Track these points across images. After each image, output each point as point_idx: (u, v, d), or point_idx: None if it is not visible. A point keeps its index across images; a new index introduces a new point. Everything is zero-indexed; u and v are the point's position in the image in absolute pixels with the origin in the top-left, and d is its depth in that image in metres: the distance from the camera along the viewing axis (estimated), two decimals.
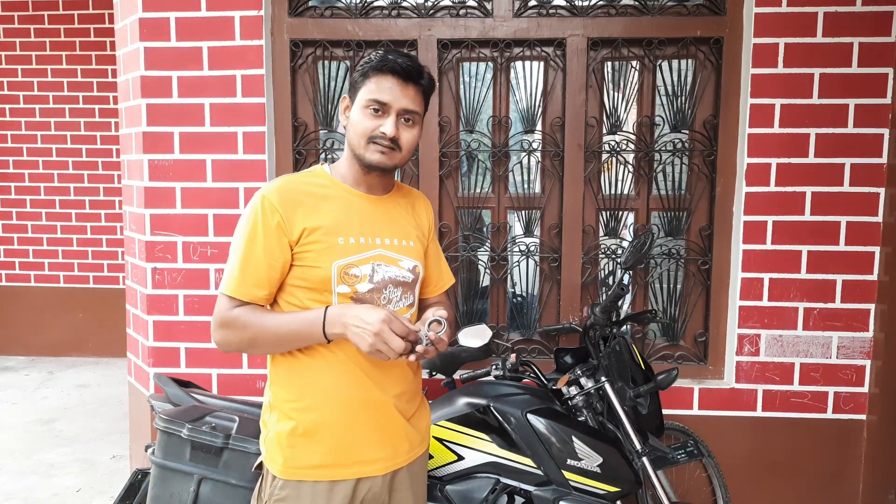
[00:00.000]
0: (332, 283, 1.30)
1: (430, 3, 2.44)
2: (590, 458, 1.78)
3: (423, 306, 1.54)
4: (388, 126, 1.30)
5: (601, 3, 2.41)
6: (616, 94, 2.50)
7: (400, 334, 1.20)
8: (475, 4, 2.44)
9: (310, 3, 2.47)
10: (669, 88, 2.47)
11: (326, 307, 1.27)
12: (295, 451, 1.32)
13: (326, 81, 2.53)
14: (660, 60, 2.46)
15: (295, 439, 1.32)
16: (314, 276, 1.30)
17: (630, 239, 2.54)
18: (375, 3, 2.45)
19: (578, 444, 1.78)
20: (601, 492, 1.78)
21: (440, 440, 1.83)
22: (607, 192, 2.53)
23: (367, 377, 1.34)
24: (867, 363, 2.37)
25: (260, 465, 1.42)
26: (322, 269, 1.30)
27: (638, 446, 1.83)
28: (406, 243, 1.41)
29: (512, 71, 2.52)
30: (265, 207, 1.29)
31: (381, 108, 1.31)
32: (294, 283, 1.32)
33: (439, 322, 1.25)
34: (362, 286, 1.33)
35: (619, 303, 2.10)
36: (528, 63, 2.50)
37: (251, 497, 1.65)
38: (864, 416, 2.39)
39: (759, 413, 2.41)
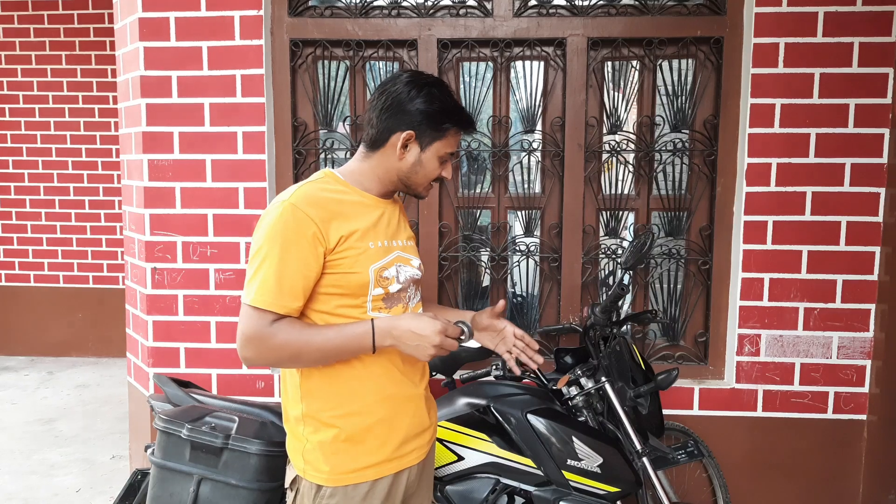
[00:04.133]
0: (370, 286, 1.33)
1: (429, 3, 2.44)
2: (590, 459, 1.78)
3: None
4: (450, 171, 1.44)
5: (601, 2, 2.41)
6: (616, 93, 2.50)
7: (453, 336, 1.28)
8: (475, 4, 2.44)
9: (310, 3, 2.46)
10: (670, 88, 2.47)
11: (373, 320, 1.29)
12: (339, 457, 1.34)
13: (326, 81, 2.53)
14: (660, 60, 2.45)
15: (338, 445, 1.34)
16: (352, 281, 1.31)
17: (630, 239, 2.54)
18: (375, 3, 2.45)
19: (578, 445, 1.78)
20: (601, 492, 1.78)
21: (440, 440, 1.83)
22: (607, 192, 2.53)
23: (402, 374, 1.39)
24: (867, 363, 2.37)
25: (293, 481, 1.42)
26: (360, 275, 1.31)
27: (638, 446, 1.83)
28: (411, 243, 1.48)
29: (512, 71, 2.51)
30: (298, 217, 1.26)
31: (449, 158, 1.42)
32: (327, 291, 1.32)
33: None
34: (393, 287, 1.37)
35: (620, 303, 2.10)
36: (528, 63, 2.50)
37: (253, 497, 1.66)
38: (864, 417, 2.39)
39: (759, 413, 2.41)
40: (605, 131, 2.49)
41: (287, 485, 1.46)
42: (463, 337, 1.32)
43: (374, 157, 1.40)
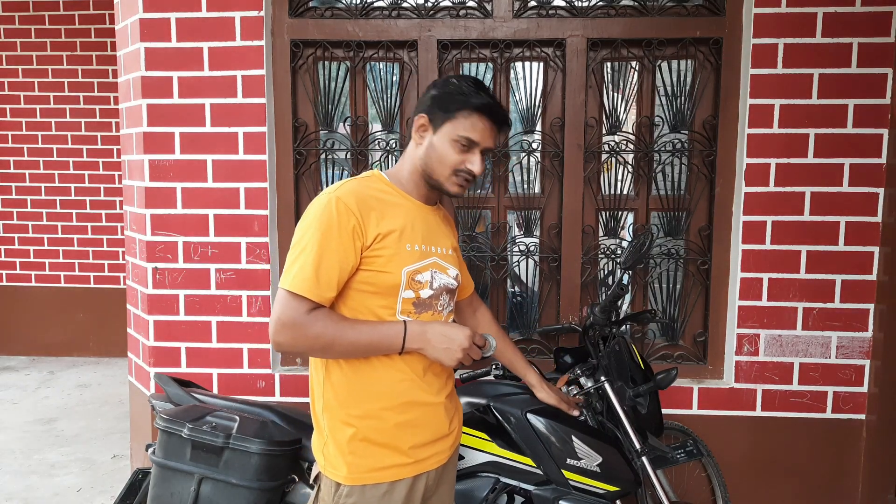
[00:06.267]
0: (401, 288, 1.34)
1: (430, 4, 2.44)
2: (589, 458, 1.78)
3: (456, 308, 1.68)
4: (476, 165, 1.38)
5: (601, 3, 2.42)
6: (616, 94, 2.50)
7: (479, 345, 1.34)
8: (475, 5, 2.44)
9: (310, 4, 2.47)
10: (669, 89, 2.48)
11: (405, 322, 1.32)
12: (356, 456, 1.35)
13: (327, 82, 2.53)
14: (659, 61, 2.46)
15: (355, 445, 1.35)
16: (384, 281, 1.33)
17: (629, 239, 2.55)
18: (376, 4, 2.45)
19: (578, 444, 1.78)
20: (601, 491, 1.79)
21: None
22: (607, 193, 2.54)
23: (423, 382, 1.39)
24: (866, 363, 2.38)
25: (316, 477, 1.43)
26: (392, 275, 1.33)
27: (637, 446, 1.83)
28: (450, 252, 1.48)
29: (512, 71, 2.52)
30: (341, 209, 1.29)
31: (469, 146, 1.36)
32: (360, 288, 1.34)
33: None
34: (424, 292, 1.37)
35: (619, 303, 2.10)
36: (527, 63, 2.51)
37: (254, 496, 1.67)
38: (863, 416, 2.40)
39: (758, 413, 2.42)
40: (604, 132, 2.50)
41: (311, 479, 1.47)
42: (485, 348, 1.37)
43: (407, 151, 1.45)
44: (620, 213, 2.54)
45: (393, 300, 1.35)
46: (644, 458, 1.83)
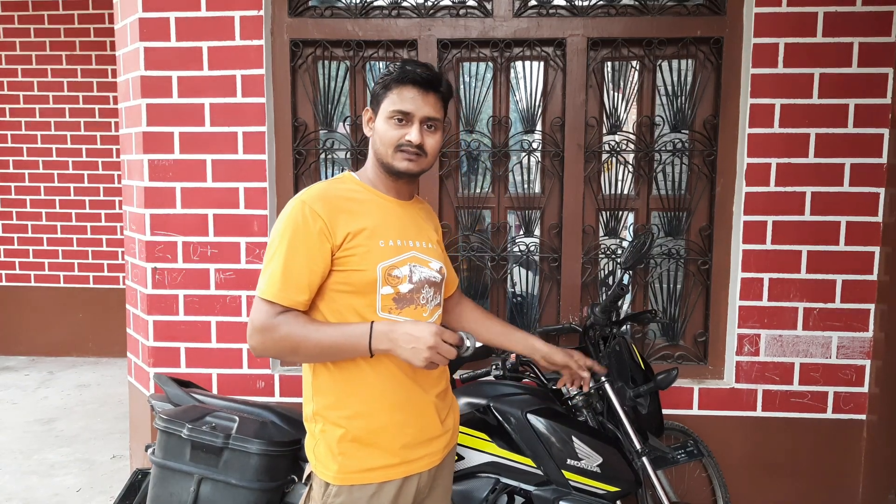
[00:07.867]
0: (378, 284, 1.33)
1: (430, 3, 2.44)
2: (590, 458, 1.78)
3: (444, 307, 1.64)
4: (413, 134, 1.36)
5: (601, 3, 2.41)
6: (616, 94, 2.50)
7: (451, 342, 1.25)
8: (475, 4, 2.44)
9: (310, 3, 2.47)
10: (669, 88, 2.48)
11: (372, 322, 1.29)
12: (346, 457, 1.34)
13: (326, 81, 2.53)
14: (660, 60, 2.46)
15: (345, 445, 1.35)
16: (359, 279, 1.32)
17: (630, 239, 2.55)
18: (375, 3, 2.45)
19: (578, 444, 1.78)
20: (601, 491, 1.78)
21: None
22: (607, 192, 2.53)
23: (409, 379, 1.38)
24: (867, 363, 2.37)
25: (308, 476, 1.43)
26: (367, 272, 1.32)
27: (638, 446, 1.83)
28: (430, 246, 1.47)
29: (512, 71, 2.52)
30: (306, 213, 1.30)
31: (404, 118, 1.36)
32: (336, 289, 1.34)
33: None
34: (404, 287, 1.36)
35: (619, 303, 2.10)
36: (528, 63, 2.50)
37: (254, 497, 1.67)
38: (863, 416, 2.39)
39: (758, 413, 2.41)
40: (604, 131, 2.50)
41: (304, 479, 1.47)
42: (462, 348, 1.28)
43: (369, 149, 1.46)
44: (621, 212, 2.54)
45: (372, 298, 1.34)
46: (644, 459, 1.82)
